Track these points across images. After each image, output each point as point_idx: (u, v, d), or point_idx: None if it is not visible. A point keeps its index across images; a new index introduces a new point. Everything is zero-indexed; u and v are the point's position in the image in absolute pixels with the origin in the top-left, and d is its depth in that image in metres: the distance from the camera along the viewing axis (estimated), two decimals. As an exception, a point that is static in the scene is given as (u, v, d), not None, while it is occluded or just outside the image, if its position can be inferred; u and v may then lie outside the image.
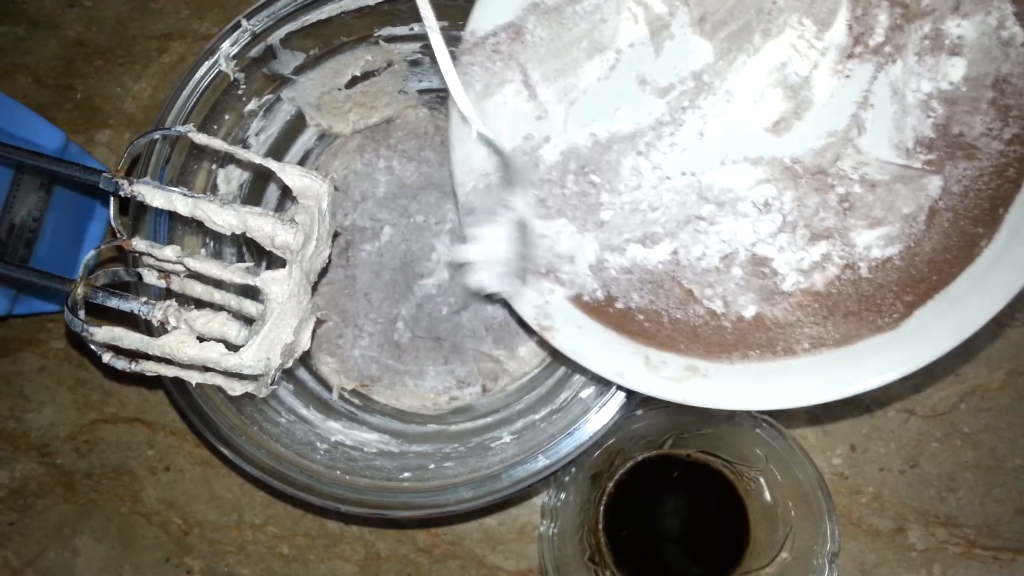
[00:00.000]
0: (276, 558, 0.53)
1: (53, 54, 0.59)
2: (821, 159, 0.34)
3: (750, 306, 0.35)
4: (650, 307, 0.36)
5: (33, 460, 0.55)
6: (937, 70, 0.33)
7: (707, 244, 0.35)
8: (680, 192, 0.36)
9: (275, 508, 0.54)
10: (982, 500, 0.51)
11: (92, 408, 0.56)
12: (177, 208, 0.34)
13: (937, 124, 0.33)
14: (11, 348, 0.56)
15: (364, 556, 0.53)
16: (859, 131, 0.34)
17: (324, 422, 0.47)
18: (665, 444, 0.49)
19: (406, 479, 0.43)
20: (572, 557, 0.47)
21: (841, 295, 0.34)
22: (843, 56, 0.34)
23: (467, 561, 0.53)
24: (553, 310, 0.37)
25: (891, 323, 0.33)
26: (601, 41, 0.37)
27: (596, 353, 0.37)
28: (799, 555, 0.46)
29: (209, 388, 0.41)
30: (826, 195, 0.33)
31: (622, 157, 0.36)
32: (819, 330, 0.34)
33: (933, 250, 0.33)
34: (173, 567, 0.54)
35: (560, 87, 0.37)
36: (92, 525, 0.55)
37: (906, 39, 0.33)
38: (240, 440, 0.42)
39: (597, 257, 0.37)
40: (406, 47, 0.48)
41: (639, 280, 0.36)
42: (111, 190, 0.34)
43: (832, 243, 0.34)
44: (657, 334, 0.36)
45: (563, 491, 0.46)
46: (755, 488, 0.48)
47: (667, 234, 0.36)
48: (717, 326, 0.36)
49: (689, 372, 0.36)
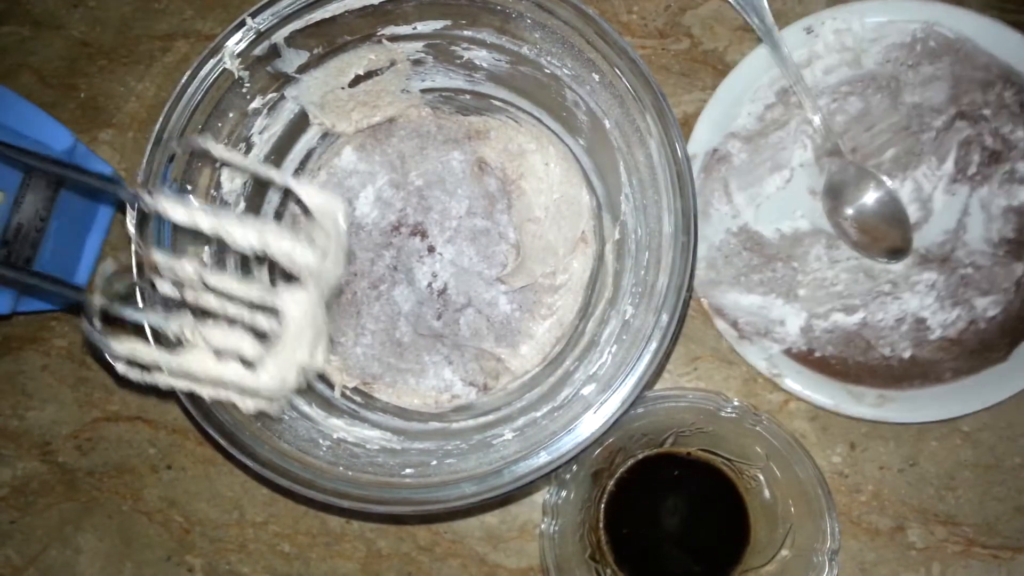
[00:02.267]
0: (277, 556, 0.54)
1: (57, 54, 0.59)
2: (943, 250, 0.52)
3: (908, 350, 0.51)
4: (840, 355, 0.51)
5: (35, 458, 0.56)
6: (1011, 193, 0.51)
7: (887, 311, 0.51)
8: (852, 272, 0.52)
9: (276, 506, 0.54)
10: (981, 499, 0.51)
11: (94, 406, 0.56)
12: (199, 225, 0.35)
13: (1014, 228, 0.51)
14: (13, 346, 0.56)
15: (365, 554, 0.53)
16: (964, 231, 0.51)
17: (326, 419, 0.47)
18: (666, 442, 0.49)
19: (408, 475, 0.43)
20: (573, 555, 0.48)
21: (968, 340, 0.51)
22: (951, 181, 0.52)
23: (468, 559, 0.53)
24: (778, 361, 0.51)
25: (1001, 357, 0.50)
26: (780, 162, 0.53)
27: (815, 390, 0.50)
28: (799, 553, 0.46)
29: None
30: (953, 276, 0.51)
31: (810, 248, 0.52)
32: (956, 364, 0.50)
33: (1021, 308, 0.51)
34: (175, 565, 0.54)
35: (749, 194, 0.53)
36: (94, 523, 0.55)
37: (992, 172, 0.51)
38: (244, 436, 0.42)
39: (806, 321, 0.52)
40: (409, 46, 0.48)
41: (836, 337, 0.52)
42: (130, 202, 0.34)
43: (963, 307, 0.51)
44: (847, 374, 0.51)
45: (564, 489, 0.46)
46: (755, 486, 0.48)
47: (862, 305, 0.51)
48: (887, 365, 0.51)
49: (880, 399, 0.50)
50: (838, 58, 0.52)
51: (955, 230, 0.51)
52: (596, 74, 0.44)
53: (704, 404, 0.46)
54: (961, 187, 0.51)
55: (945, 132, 0.52)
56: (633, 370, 0.40)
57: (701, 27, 0.56)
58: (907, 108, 0.52)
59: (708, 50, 0.55)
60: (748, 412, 0.46)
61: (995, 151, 0.51)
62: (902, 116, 0.52)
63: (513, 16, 0.44)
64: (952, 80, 0.51)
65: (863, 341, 0.51)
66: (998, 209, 0.51)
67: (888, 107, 0.52)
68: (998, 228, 0.51)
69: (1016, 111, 0.51)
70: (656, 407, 0.47)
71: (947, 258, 0.51)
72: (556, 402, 0.45)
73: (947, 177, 0.51)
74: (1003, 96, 0.51)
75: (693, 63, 0.55)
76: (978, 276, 0.51)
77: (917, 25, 0.51)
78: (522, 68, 0.48)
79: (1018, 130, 0.51)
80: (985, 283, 0.51)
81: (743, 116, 0.53)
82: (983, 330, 0.51)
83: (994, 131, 0.51)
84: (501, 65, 0.48)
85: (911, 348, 0.51)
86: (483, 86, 0.51)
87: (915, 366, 0.51)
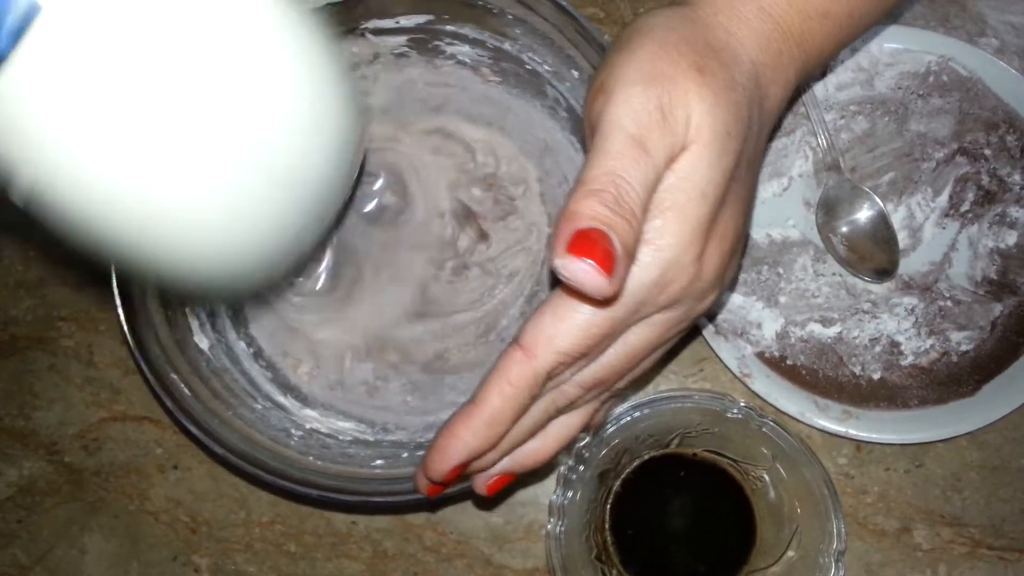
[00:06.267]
0: (283, 556, 0.54)
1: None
2: (926, 279, 0.52)
3: (879, 372, 0.52)
4: (811, 366, 0.52)
5: (41, 458, 0.56)
6: (1000, 235, 0.52)
7: (864, 329, 0.52)
8: (834, 287, 0.53)
9: (282, 507, 0.54)
10: (987, 500, 0.51)
11: (101, 406, 0.56)
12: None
13: (998, 269, 0.52)
14: (20, 346, 0.57)
15: (371, 555, 0.53)
16: (949, 265, 0.52)
17: (300, 410, 0.48)
18: (672, 443, 0.49)
19: (379, 466, 0.44)
20: (579, 555, 0.48)
21: (938, 371, 0.51)
22: (943, 215, 0.52)
23: (474, 560, 0.53)
24: (749, 363, 0.51)
25: (968, 392, 0.51)
26: (780, 169, 0.53)
27: (782, 396, 0.51)
28: (805, 554, 0.46)
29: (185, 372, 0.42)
30: (933, 306, 0.52)
31: (797, 257, 0.53)
32: (923, 392, 0.51)
33: (994, 348, 0.51)
34: (181, 565, 0.54)
35: None
36: (100, 523, 0.55)
37: (984, 212, 0.52)
38: (213, 423, 0.42)
39: (783, 327, 0.52)
40: (392, 40, 0.48)
41: (810, 348, 0.52)
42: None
43: (937, 338, 0.52)
44: (816, 385, 0.51)
45: (570, 489, 0.47)
46: (761, 487, 0.48)
47: (840, 319, 0.52)
48: (856, 383, 0.51)
49: (845, 415, 0.51)
50: (852, 77, 0.53)
51: (940, 263, 0.52)
52: (576, 71, 0.44)
53: (710, 405, 0.46)
54: (952, 222, 0.52)
55: (945, 165, 0.52)
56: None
57: (707, 28, 0.56)
58: (911, 136, 0.53)
59: (714, 51, 0.55)
60: (754, 413, 0.46)
61: (990, 191, 0.52)
62: (905, 143, 0.53)
63: (495, 12, 0.44)
64: (959, 116, 0.53)
65: (835, 356, 0.52)
66: (984, 249, 0.52)
67: (893, 132, 0.53)
68: (982, 267, 0.52)
69: (1016, 155, 0.52)
70: (662, 408, 0.47)
71: (929, 288, 0.52)
72: None
73: (940, 210, 0.52)
74: (1005, 139, 0.52)
75: (699, 64, 0.55)
76: (956, 310, 0.51)
77: (933, 57, 0.53)
78: (504, 64, 0.48)
79: (1015, 174, 0.52)
80: (963, 318, 0.51)
81: None
82: (954, 363, 0.51)
83: (992, 171, 0.52)
84: (484, 60, 0.49)
85: (881, 370, 0.51)
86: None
87: (883, 388, 0.51)
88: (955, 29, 0.54)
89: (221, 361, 0.48)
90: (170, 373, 0.43)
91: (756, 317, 0.52)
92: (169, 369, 0.43)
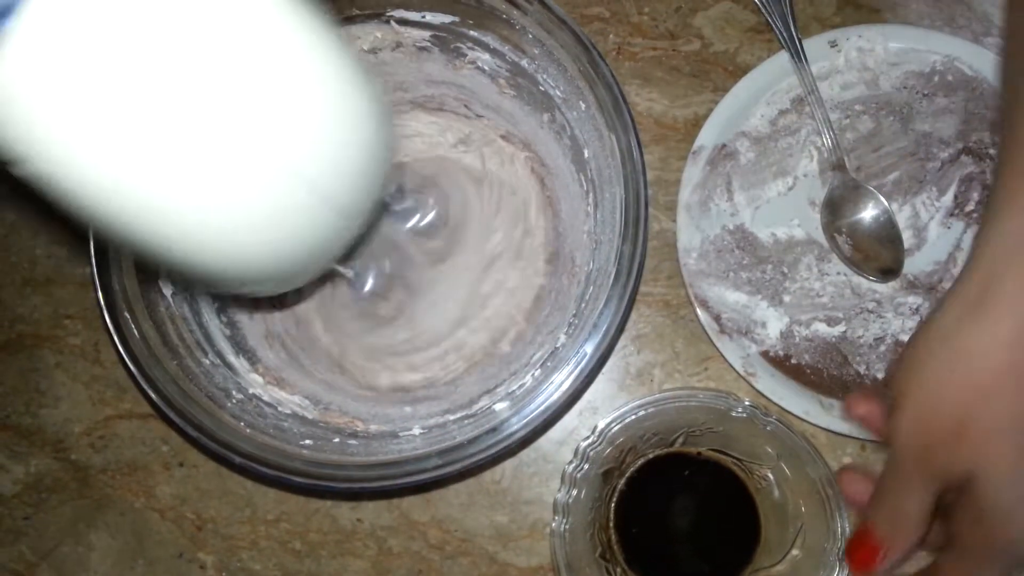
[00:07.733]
0: (288, 554, 0.54)
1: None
2: (931, 279, 0.52)
3: (883, 371, 0.51)
4: (815, 365, 0.52)
5: (48, 455, 0.56)
6: None
7: (868, 328, 0.52)
8: (839, 287, 0.52)
9: (288, 504, 0.54)
10: (992, 500, 0.51)
11: (107, 404, 0.56)
12: None
13: None
14: (27, 344, 0.57)
15: (376, 552, 0.53)
16: (953, 264, 0.52)
17: (248, 373, 0.48)
18: (676, 442, 0.49)
19: (305, 446, 0.43)
20: (583, 554, 0.48)
21: None
22: (948, 215, 0.52)
23: (478, 557, 0.53)
24: (754, 362, 0.51)
25: None
26: (785, 169, 0.53)
27: (786, 395, 0.51)
28: (810, 552, 0.46)
29: (139, 312, 0.42)
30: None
31: (802, 256, 0.53)
32: None
33: None
34: (186, 562, 0.54)
35: (750, 195, 0.53)
36: (106, 520, 0.55)
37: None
38: (154, 370, 0.42)
39: (787, 327, 0.52)
40: (416, 33, 0.48)
41: (814, 347, 0.52)
42: None
43: None
44: (821, 385, 0.51)
45: (575, 487, 0.47)
46: (766, 486, 0.48)
47: (845, 319, 0.52)
48: (860, 383, 0.51)
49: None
50: (857, 76, 0.53)
51: (945, 262, 0.52)
52: (583, 103, 0.44)
53: (715, 404, 0.46)
54: (957, 222, 0.52)
55: (950, 165, 0.53)
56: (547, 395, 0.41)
57: (712, 28, 0.56)
58: (916, 135, 0.53)
59: (719, 52, 0.56)
60: (759, 412, 0.46)
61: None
62: (910, 142, 0.53)
63: (517, 27, 0.45)
64: (964, 115, 0.53)
65: (840, 355, 0.52)
66: None
67: (898, 131, 0.53)
68: None
69: None
70: (667, 407, 0.47)
71: (934, 287, 0.52)
72: (470, 410, 0.45)
73: (945, 209, 0.52)
74: None
75: (704, 64, 0.56)
76: None
77: (938, 57, 0.53)
78: (520, 79, 0.48)
79: None
80: None
81: (756, 117, 0.53)
82: None
83: (996, 171, 0.51)
84: (501, 72, 0.49)
85: (885, 369, 0.52)
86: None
87: (887, 387, 0.51)
88: (961, 29, 0.54)
89: (181, 309, 0.47)
90: (124, 311, 0.42)
91: (761, 316, 0.52)
92: (124, 307, 0.42)
